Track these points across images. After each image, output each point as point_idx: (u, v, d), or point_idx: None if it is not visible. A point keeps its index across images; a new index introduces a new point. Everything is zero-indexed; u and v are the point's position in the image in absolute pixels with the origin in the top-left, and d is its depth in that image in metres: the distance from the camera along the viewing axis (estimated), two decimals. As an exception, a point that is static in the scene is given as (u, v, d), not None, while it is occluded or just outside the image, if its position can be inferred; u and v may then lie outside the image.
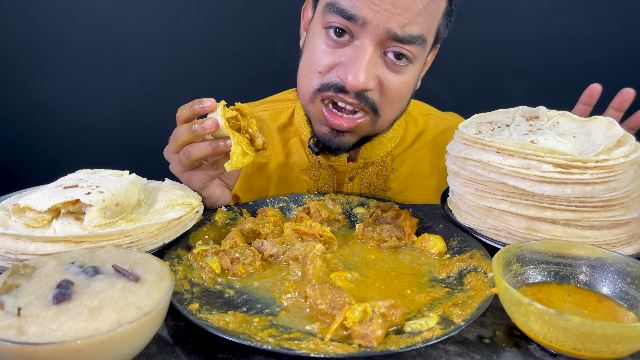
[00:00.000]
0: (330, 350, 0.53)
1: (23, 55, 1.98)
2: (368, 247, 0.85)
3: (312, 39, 0.97)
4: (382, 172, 1.15)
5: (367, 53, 0.87)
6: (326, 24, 0.91)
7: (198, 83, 2.06)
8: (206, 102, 0.83)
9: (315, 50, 0.94)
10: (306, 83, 0.97)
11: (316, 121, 1.00)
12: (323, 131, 0.99)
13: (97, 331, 0.47)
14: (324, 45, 0.93)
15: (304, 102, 1.00)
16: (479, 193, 0.80)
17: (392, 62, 0.91)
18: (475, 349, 0.59)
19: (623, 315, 0.62)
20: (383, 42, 0.88)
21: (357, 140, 1.01)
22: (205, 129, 0.82)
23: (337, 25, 0.89)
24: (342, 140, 0.98)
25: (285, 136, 1.19)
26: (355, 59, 0.88)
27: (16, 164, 2.15)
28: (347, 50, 0.91)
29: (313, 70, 0.95)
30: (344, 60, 0.90)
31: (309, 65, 0.96)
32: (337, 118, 0.95)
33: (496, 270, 0.61)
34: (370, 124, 0.97)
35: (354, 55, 0.88)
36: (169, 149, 0.90)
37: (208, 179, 0.90)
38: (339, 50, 0.91)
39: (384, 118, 0.97)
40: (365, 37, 0.88)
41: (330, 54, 0.92)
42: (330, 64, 0.92)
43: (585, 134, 0.81)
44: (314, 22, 0.98)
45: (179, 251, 0.76)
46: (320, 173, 1.15)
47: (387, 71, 0.92)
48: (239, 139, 0.83)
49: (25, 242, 0.67)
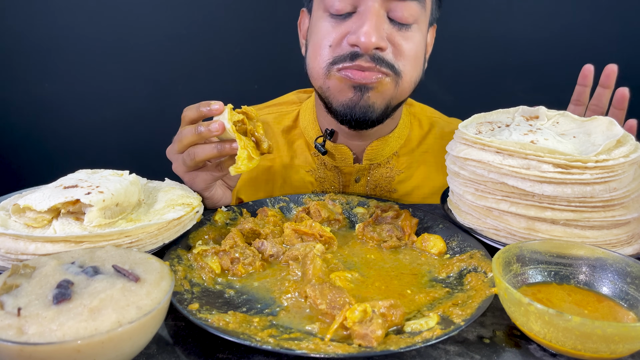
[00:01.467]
0: (330, 350, 0.53)
1: (23, 55, 1.98)
2: (368, 247, 0.85)
3: (315, 25, 0.99)
4: (388, 173, 1.15)
5: (373, 13, 0.90)
6: (327, 7, 0.94)
7: (198, 83, 2.06)
8: (214, 105, 0.83)
9: (320, 30, 0.96)
10: (317, 61, 0.97)
11: (337, 93, 0.97)
12: (348, 97, 0.96)
13: (97, 331, 0.47)
14: (327, 24, 0.95)
15: (320, 81, 0.98)
16: (479, 193, 0.80)
17: (397, 24, 0.94)
18: (475, 349, 0.59)
19: (623, 315, 0.62)
20: (385, 4, 0.91)
21: (384, 109, 0.98)
22: (212, 131, 0.82)
23: (337, 5, 0.92)
24: (368, 101, 0.95)
25: (290, 138, 1.19)
26: (363, 21, 0.90)
27: (16, 164, 2.15)
28: (352, 20, 0.93)
29: (323, 46, 0.96)
30: (351, 29, 0.92)
31: (317, 44, 0.97)
32: (360, 73, 0.93)
33: (496, 270, 0.61)
34: (393, 84, 0.96)
35: (361, 19, 0.91)
36: (173, 149, 0.90)
37: (211, 180, 0.90)
38: (344, 23, 0.94)
39: (405, 79, 0.96)
40: (367, 2, 0.90)
41: (336, 28, 0.94)
42: (339, 36, 0.94)
43: (585, 134, 0.81)
44: (314, 13, 1.00)
45: (179, 251, 0.76)
46: (326, 175, 1.15)
47: (395, 32, 0.94)
48: (245, 143, 0.83)
49: (25, 242, 0.67)
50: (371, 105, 0.96)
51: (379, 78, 0.93)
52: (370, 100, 0.95)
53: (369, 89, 0.94)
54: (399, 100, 1.00)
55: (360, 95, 0.95)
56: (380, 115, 0.98)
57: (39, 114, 2.07)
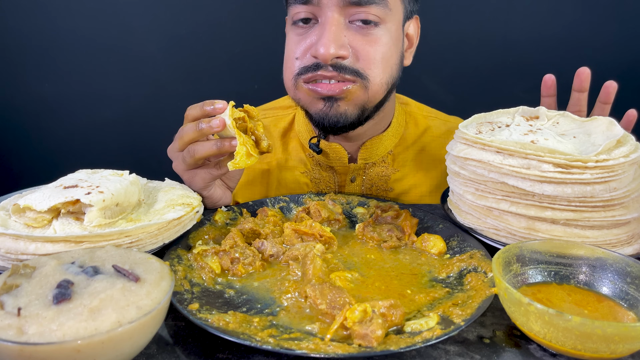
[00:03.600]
0: (330, 350, 0.53)
1: (23, 55, 1.98)
2: (368, 247, 0.85)
3: (287, 37, 1.02)
4: (384, 172, 1.15)
5: (332, 23, 0.91)
6: (292, 19, 0.97)
7: (198, 83, 2.06)
8: (217, 104, 0.84)
9: (289, 43, 1.00)
10: (287, 73, 1.00)
11: (309, 104, 0.99)
12: (318, 107, 0.97)
13: (97, 331, 0.47)
14: (295, 36, 0.98)
15: (291, 92, 1.02)
16: (479, 193, 0.80)
17: (359, 28, 0.94)
18: (475, 349, 0.59)
19: (623, 315, 0.62)
20: (344, 10, 0.92)
21: (358, 114, 0.98)
22: (212, 127, 0.82)
23: (301, 15, 0.95)
24: (339, 110, 0.96)
25: (286, 141, 1.20)
26: (322, 32, 0.91)
27: (16, 164, 2.15)
28: (314, 31, 0.95)
29: (290, 60, 0.98)
30: (313, 41, 0.94)
31: (287, 56, 1.00)
32: (325, 85, 0.94)
33: (496, 270, 0.61)
34: (361, 90, 0.95)
35: (320, 31, 0.92)
36: (174, 147, 0.90)
37: (210, 178, 0.91)
38: (308, 34, 0.96)
39: (374, 82, 0.96)
40: (325, 12, 0.92)
41: (301, 40, 0.96)
42: (304, 48, 0.96)
43: (585, 134, 0.81)
44: (287, 26, 1.03)
45: (179, 251, 0.76)
46: (321, 175, 1.15)
47: (358, 37, 0.94)
48: (245, 140, 0.83)
49: (25, 242, 0.67)
50: (343, 114, 0.97)
51: (346, 88, 0.94)
52: (340, 109, 0.97)
53: (338, 99, 0.96)
54: (373, 103, 1.00)
55: (329, 106, 0.96)
56: (355, 120, 0.99)
57: (39, 114, 2.07)
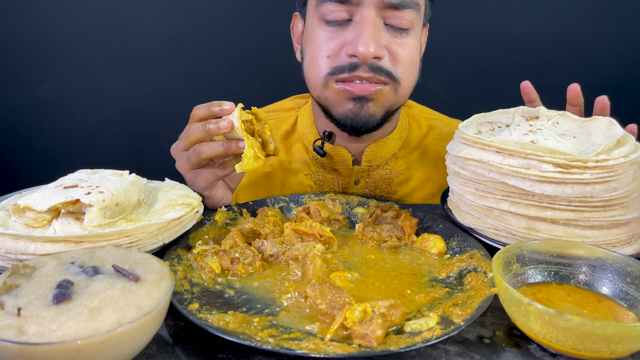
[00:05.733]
0: (330, 350, 0.53)
1: (23, 55, 1.98)
2: (368, 247, 0.85)
3: (311, 34, 0.99)
4: (388, 175, 1.15)
5: (370, 22, 0.90)
6: (323, 15, 0.94)
7: (198, 83, 2.06)
8: (225, 105, 0.84)
9: (317, 40, 0.96)
10: (316, 71, 0.97)
11: (336, 104, 0.98)
12: (347, 108, 0.97)
13: (97, 331, 0.47)
14: (325, 33, 0.95)
15: (317, 91, 0.99)
16: (479, 193, 0.80)
17: (393, 31, 0.94)
18: (475, 349, 0.59)
19: (623, 315, 0.62)
20: (380, 11, 0.91)
21: (383, 116, 0.99)
22: (220, 129, 0.82)
23: (335, 14, 0.92)
24: (369, 111, 0.96)
25: (289, 143, 1.19)
26: (361, 32, 0.90)
27: (16, 164, 2.15)
28: (349, 29, 0.93)
29: (320, 57, 0.96)
30: (349, 39, 0.92)
31: (315, 54, 0.97)
32: (358, 85, 0.94)
33: (496, 270, 0.61)
34: (392, 92, 0.97)
35: (358, 29, 0.91)
36: (178, 146, 0.90)
37: (214, 179, 0.90)
38: (341, 32, 0.94)
39: (403, 85, 0.97)
40: (363, 11, 0.91)
41: (333, 38, 0.94)
42: (337, 47, 0.94)
43: (585, 134, 0.81)
44: (309, 20, 1.00)
45: (179, 251, 0.76)
46: (325, 177, 1.15)
47: (392, 40, 0.94)
48: (252, 143, 0.83)
49: (25, 242, 0.67)
50: (372, 115, 0.97)
51: (378, 89, 0.94)
52: (370, 110, 0.97)
53: (369, 100, 0.95)
54: (398, 105, 1.02)
55: (360, 107, 0.96)
56: (380, 121, 1.00)
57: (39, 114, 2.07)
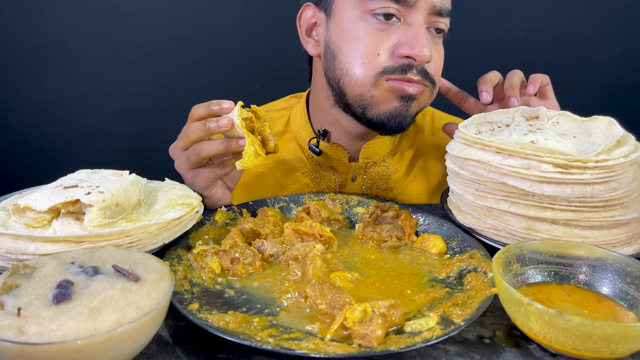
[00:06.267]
0: (330, 350, 0.53)
1: (23, 55, 1.98)
2: (368, 247, 0.85)
3: (352, 28, 0.95)
4: (384, 172, 1.15)
5: (423, 26, 0.92)
6: (371, 10, 0.92)
7: (198, 83, 2.06)
8: (225, 104, 0.84)
9: (364, 36, 0.94)
10: (364, 69, 0.94)
11: (381, 102, 0.97)
12: (393, 105, 0.96)
13: (97, 331, 0.47)
14: (374, 31, 0.93)
15: (363, 89, 0.96)
16: (479, 193, 0.80)
17: (433, 37, 0.96)
18: (475, 349, 0.59)
19: (623, 315, 0.62)
20: (429, 17, 0.93)
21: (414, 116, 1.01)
22: (221, 127, 0.82)
23: (386, 10, 0.91)
24: (410, 110, 0.98)
25: (283, 142, 1.19)
26: (416, 35, 0.91)
27: (16, 164, 2.15)
28: (400, 30, 0.93)
29: (370, 54, 0.93)
30: (401, 40, 0.92)
31: (363, 51, 0.94)
32: (410, 84, 0.94)
33: (496, 270, 0.61)
34: (429, 95, 0.99)
35: (413, 32, 0.91)
36: (177, 146, 0.89)
37: (214, 178, 0.90)
38: (391, 31, 0.93)
39: (437, 88, 1.01)
40: (417, 14, 0.91)
41: (384, 37, 0.93)
42: (389, 46, 0.93)
43: (585, 134, 0.81)
44: (348, 13, 0.96)
45: (179, 251, 0.76)
46: (322, 175, 1.15)
47: (432, 45, 0.95)
48: (253, 140, 0.83)
49: (25, 242, 0.67)
50: (411, 114, 0.99)
51: (424, 89, 0.96)
52: (412, 109, 0.98)
53: (413, 100, 0.96)
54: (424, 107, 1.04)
55: (406, 105, 0.96)
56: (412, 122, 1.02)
57: (39, 114, 2.07)
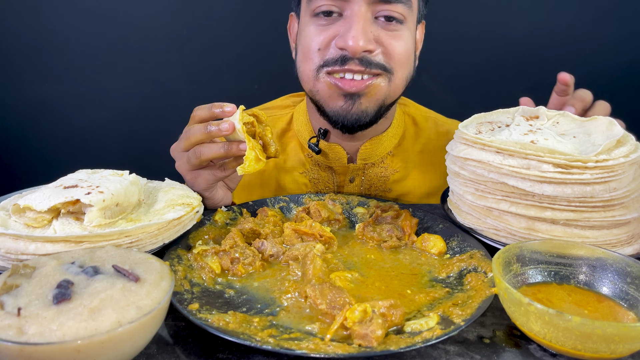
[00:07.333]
0: (330, 350, 0.53)
1: (23, 55, 1.98)
2: (368, 247, 0.85)
3: (303, 30, 1.01)
4: (383, 173, 1.15)
5: (360, 17, 0.91)
6: (313, 11, 0.96)
7: (198, 83, 2.06)
8: (226, 107, 0.84)
9: (308, 34, 0.98)
10: (307, 65, 0.99)
11: (327, 98, 0.98)
12: (338, 104, 0.97)
13: (97, 331, 0.47)
14: (316, 27, 0.97)
15: (309, 84, 1.00)
16: (479, 193, 0.80)
17: (385, 25, 0.95)
18: (475, 349, 0.59)
19: (623, 315, 0.62)
20: (370, 6, 0.93)
21: (376, 111, 0.99)
22: (221, 130, 0.82)
23: (324, 8, 0.94)
24: (360, 107, 0.97)
25: (284, 142, 1.19)
26: (350, 25, 0.91)
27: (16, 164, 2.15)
28: (340, 23, 0.95)
29: (311, 51, 0.97)
30: (338, 33, 0.94)
31: (306, 48, 0.99)
32: (349, 81, 0.95)
33: (496, 270, 0.61)
34: (385, 84, 0.97)
35: (348, 23, 0.92)
36: (178, 147, 0.90)
37: (214, 180, 0.90)
38: (331, 26, 0.95)
39: (397, 76, 0.98)
40: (353, 6, 0.92)
41: (324, 31, 0.96)
42: (327, 39, 0.95)
43: (585, 134, 0.81)
44: (302, 18, 1.02)
45: (179, 251, 0.76)
46: (320, 175, 1.15)
47: (383, 33, 0.95)
48: (254, 145, 0.83)
49: (25, 242, 0.67)
50: (364, 111, 0.98)
51: (369, 84, 0.94)
52: (362, 106, 0.97)
53: (360, 96, 0.96)
54: (392, 99, 1.02)
55: (351, 103, 0.96)
56: (373, 117, 1.00)
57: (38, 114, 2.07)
